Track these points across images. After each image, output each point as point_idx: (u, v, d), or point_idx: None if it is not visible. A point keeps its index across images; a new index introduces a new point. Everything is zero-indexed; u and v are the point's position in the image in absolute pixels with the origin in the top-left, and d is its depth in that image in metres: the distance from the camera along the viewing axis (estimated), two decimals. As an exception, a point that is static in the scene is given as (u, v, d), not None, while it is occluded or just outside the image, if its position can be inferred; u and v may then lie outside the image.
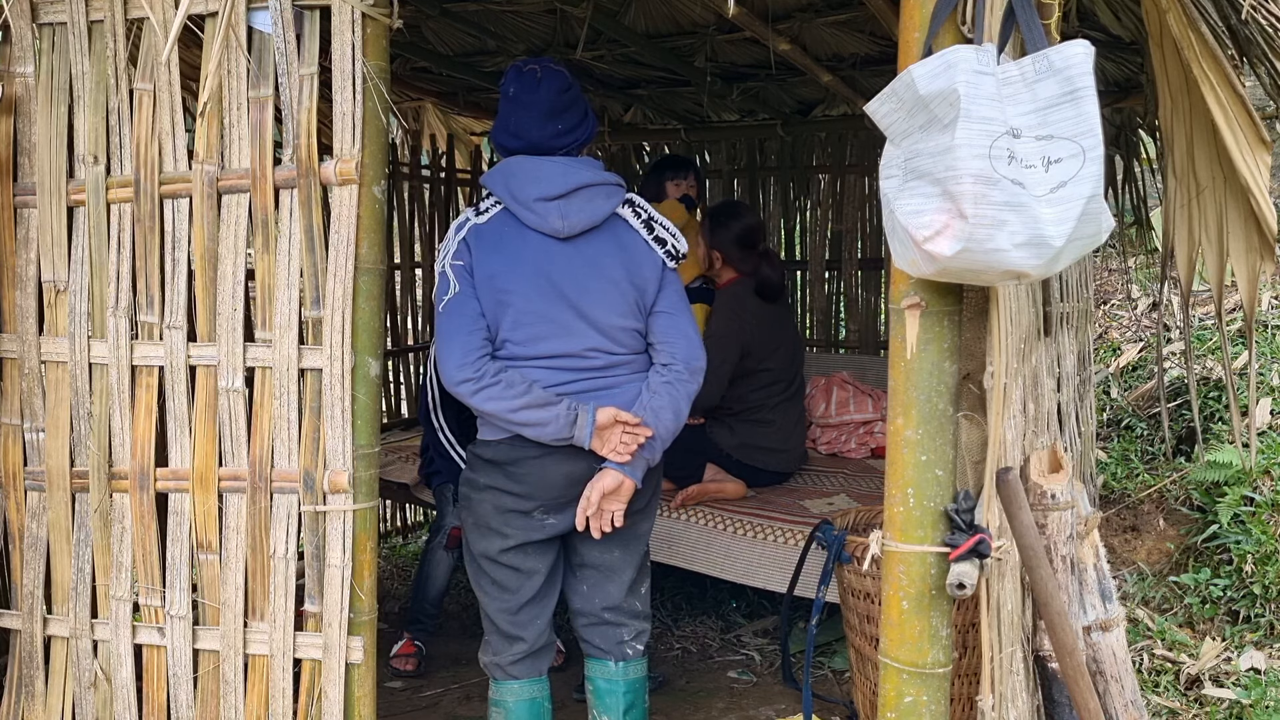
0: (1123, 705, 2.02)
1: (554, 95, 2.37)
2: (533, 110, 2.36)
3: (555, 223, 2.31)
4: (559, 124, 2.37)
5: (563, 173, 2.33)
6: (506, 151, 2.42)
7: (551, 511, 2.37)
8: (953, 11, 1.65)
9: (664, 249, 2.42)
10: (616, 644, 2.49)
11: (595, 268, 2.35)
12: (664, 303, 2.42)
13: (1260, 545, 3.37)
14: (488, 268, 2.31)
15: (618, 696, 2.48)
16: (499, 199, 2.37)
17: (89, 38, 2.36)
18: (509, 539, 2.38)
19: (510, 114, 2.39)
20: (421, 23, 3.71)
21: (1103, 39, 3.14)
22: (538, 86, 2.37)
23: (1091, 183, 1.49)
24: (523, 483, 2.34)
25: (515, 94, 2.38)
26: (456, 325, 2.29)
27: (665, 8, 3.61)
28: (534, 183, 2.32)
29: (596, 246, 2.36)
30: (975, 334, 1.80)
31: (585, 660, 2.55)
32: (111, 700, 2.42)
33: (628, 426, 2.31)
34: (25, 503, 2.48)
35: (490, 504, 2.38)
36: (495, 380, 2.27)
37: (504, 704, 2.43)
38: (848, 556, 2.59)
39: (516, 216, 2.33)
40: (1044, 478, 1.95)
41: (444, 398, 3.70)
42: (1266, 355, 4.33)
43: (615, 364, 2.38)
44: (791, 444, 3.84)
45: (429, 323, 4.91)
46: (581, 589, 2.50)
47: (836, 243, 5.14)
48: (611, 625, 2.49)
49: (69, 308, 2.41)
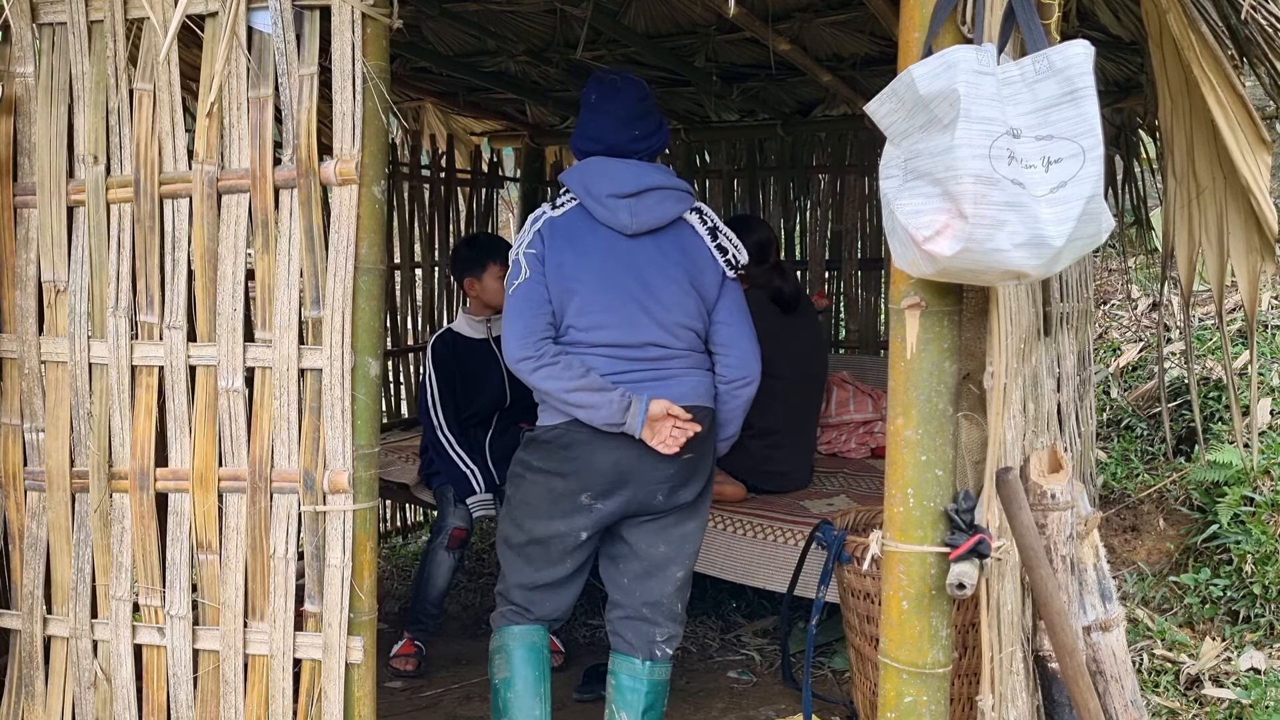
0: (1123, 705, 2.02)
1: (633, 102, 2.53)
2: (612, 116, 2.51)
3: (624, 218, 2.45)
4: (636, 129, 2.52)
5: (636, 173, 2.48)
6: (585, 156, 2.56)
7: (600, 497, 2.47)
8: (953, 11, 1.65)
9: (725, 257, 2.55)
10: (648, 642, 2.54)
11: (659, 266, 2.47)
12: (723, 312, 2.56)
13: (1260, 545, 3.37)
14: (559, 257, 2.45)
15: (640, 695, 2.53)
16: (574, 195, 2.51)
17: (89, 38, 2.36)
18: (553, 523, 2.49)
19: (590, 120, 2.55)
20: (421, 23, 3.71)
21: (1103, 39, 3.13)
22: (618, 94, 2.53)
23: (1091, 183, 1.49)
24: (573, 465, 2.45)
25: (596, 101, 2.55)
26: (523, 307, 2.43)
27: (665, 8, 3.61)
28: (609, 180, 2.46)
29: (661, 246, 2.49)
30: (975, 334, 1.80)
31: (611, 654, 2.59)
32: (111, 700, 2.42)
33: (678, 421, 2.42)
34: (25, 503, 2.48)
35: (543, 487, 2.49)
36: (554, 361, 2.40)
37: (505, 648, 2.55)
38: (848, 556, 2.59)
39: (589, 212, 2.47)
40: (1044, 478, 1.95)
41: (443, 396, 3.71)
42: (1267, 355, 4.33)
43: (671, 357, 2.49)
44: (803, 465, 3.82)
45: (429, 323, 4.92)
46: (623, 581, 2.57)
47: (836, 243, 5.14)
48: (647, 622, 2.54)
49: (69, 308, 2.41)
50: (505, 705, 2.51)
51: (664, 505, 2.50)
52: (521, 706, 2.49)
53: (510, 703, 2.50)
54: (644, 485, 2.47)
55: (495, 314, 3.85)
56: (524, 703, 2.49)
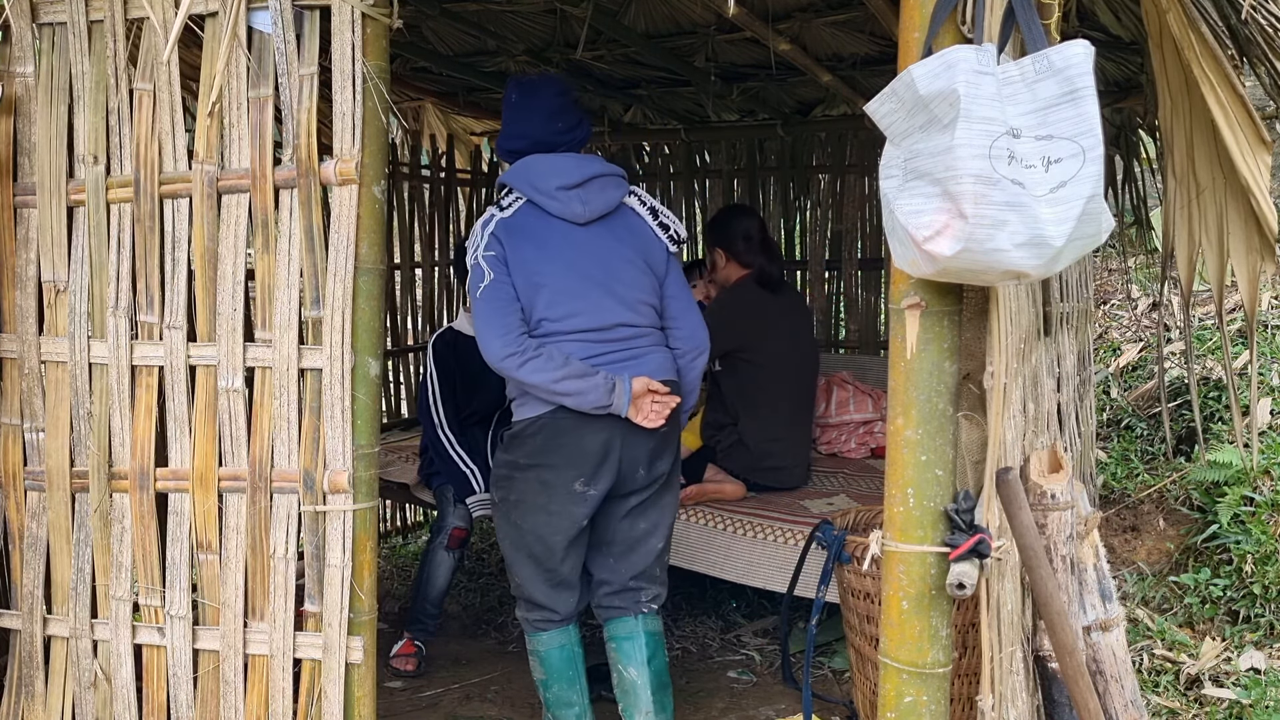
0: (1123, 705, 2.02)
1: (552, 97, 2.63)
2: (536, 112, 2.61)
3: (577, 208, 2.55)
4: (559, 123, 2.61)
5: (577, 165, 2.58)
6: (514, 155, 2.64)
7: (590, 482, 2.54)
8: (953, 11, 1.65)
9: (667, 234, 2.69)
10: (635, 602, 2.70)
11: (614, 249, 2.59)
12: (671, 287, 2.69)
13: (1260, 545, 3.37)
14: (520, 254, 2.52)
15: (639, 646, 2.68)
16: (520, 194, 2.58)
17: (89, 38, 2.36)
18: (553, 515, 2.55)
19: (515, 119, 2.64)
20: (421, 23, 3.71)
21: (1103, 39, 3.13)
22: (537, 91, 2.64)
23: (1091, 183, 1.49)
24: (563, 453, 2.52)
25: (518, 100, 2.64)
26: (495, 308, 2.49)
27: (665, 8, 3.61)
28: (554, 174, 2.55)
29: (613, 230, 2.61)
30: (975, 334, 1.80)
31: (605, 625, 2.73)
32: (111, 700, 2.42)
33: (658, 395, 2.55)
34: (25, 503, 2.48)
35: (535, 481, 2.55)
36: (537, 353, 2.47)
37: (537, 652, 2.68)
38: (848, 556, 2.59)
39: (540, 207, 2.55)
40: (1044, 478, 1.95)
41: (444, 395, 3.71)
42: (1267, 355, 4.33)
43: (639, 336, 2.60)
44: (800, 459, 3.83)
45: (429, 323, 4.91)
46: (608, 562, 2.69)
47: (836, 243, 5.14)
48: (633, 590, 2.70)
49: (69, 308, 2.41)
50: (546, 700, 2.72)
51: (645, 480, 2.62)
52: (561, 700, 2.68)
53: (549, 700, 2.70)
54: (629, 462, 2.57)
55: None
56: (564, 697, 2.68)
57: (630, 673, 2.67)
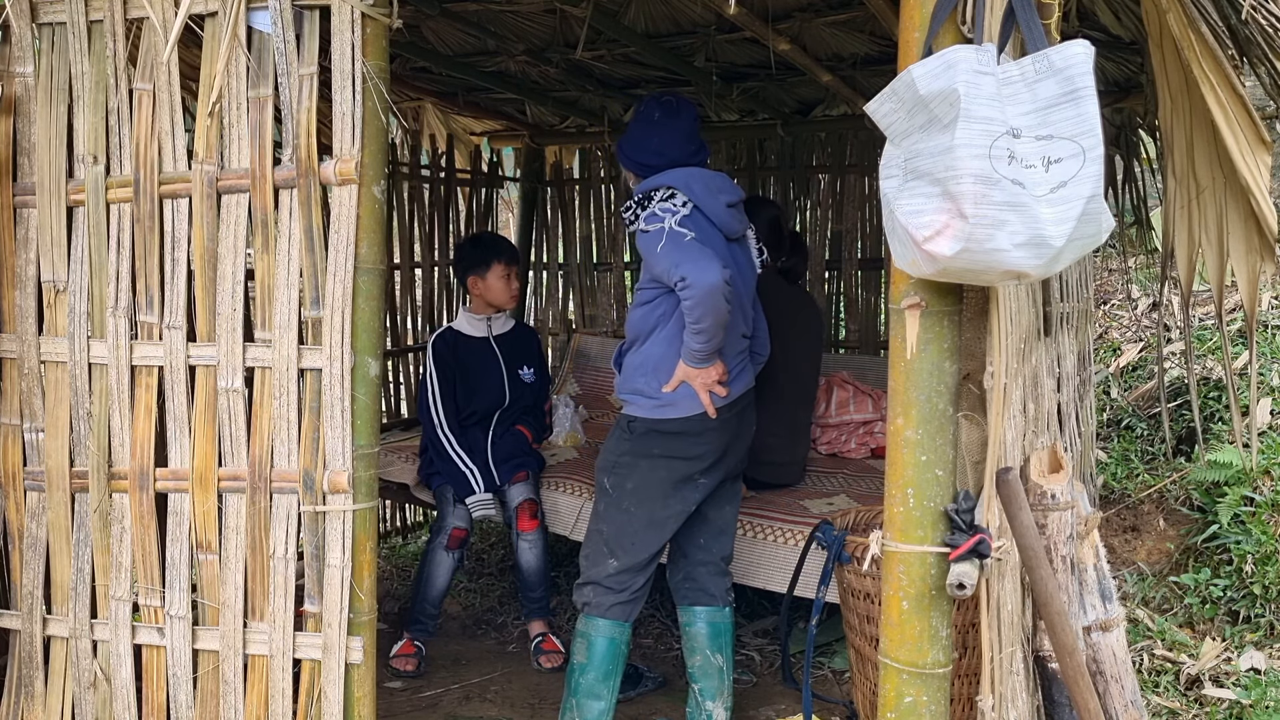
0: (1123, 705, 2.02)
1: (690, 120, 2.84)
2: (677, 132, 2.80)
3: (736, 225, 2.83)
4: (694, 144, 2.83)
5: (733, 186, 2.88)
6: (645, 167, 2.82)
7: (706, 474, 2.79)
8: (953, 11, 1.65)
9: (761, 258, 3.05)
10: (724, 591, 2.95)
11: (744, 267, 2.89)
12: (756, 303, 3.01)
13: (1260, 545, 3.37)
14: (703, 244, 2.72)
15: (727, 637, 2.94)
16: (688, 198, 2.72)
17: (89, 38, 2.36)
18: (670, 503, 2.75)
19: (653, 135, 2.81)
20: (421, 23, 3.71)
21: (1103, 39, 3.13)
22: (679, 113, 2.82)
23: (1091, 183, 1.49)
24: (701, 449, 2.74)
25: (660, 118, 2.82)
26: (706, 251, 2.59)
27: (665, 8, 3.61)
28: (721, 190, 2.80)
29: (744, 250, 2.93)
30: (975, 334, 1.80)
31: (690, 610, 2.92)
32: (111, 700, 2.42)
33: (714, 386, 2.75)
34: (25, 503, 2.48)
35: (663, 470, 2.73)
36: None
37: (588, 636, 2.79)
38: (848, 556, 2.59)
39: (705, 215, 2.73)
40: (1044, 478, 1.95)
41: (443, 394, 3.71)
42: (1267, 355, 4.33)
43: (745, 350, 2.90)
44: (797, 457, 3.83)
45: (429, 323, 4.91)
46: (700, 541, 2.93)
47: (836, 243, 5.13)
48: (723, 574, 2.96)
49: (69, 308, 2.41)
50: (575, 686, 2.79)
51: (736, 469, 2.93)
52: (589, 691, 2.77)
53: (579, 686, 2.78)
54: (735, 454, 2.87)
55: (497, 312, 3.85)
56: (592, 689, 2.77)
57: (717, 659, 2.90)
